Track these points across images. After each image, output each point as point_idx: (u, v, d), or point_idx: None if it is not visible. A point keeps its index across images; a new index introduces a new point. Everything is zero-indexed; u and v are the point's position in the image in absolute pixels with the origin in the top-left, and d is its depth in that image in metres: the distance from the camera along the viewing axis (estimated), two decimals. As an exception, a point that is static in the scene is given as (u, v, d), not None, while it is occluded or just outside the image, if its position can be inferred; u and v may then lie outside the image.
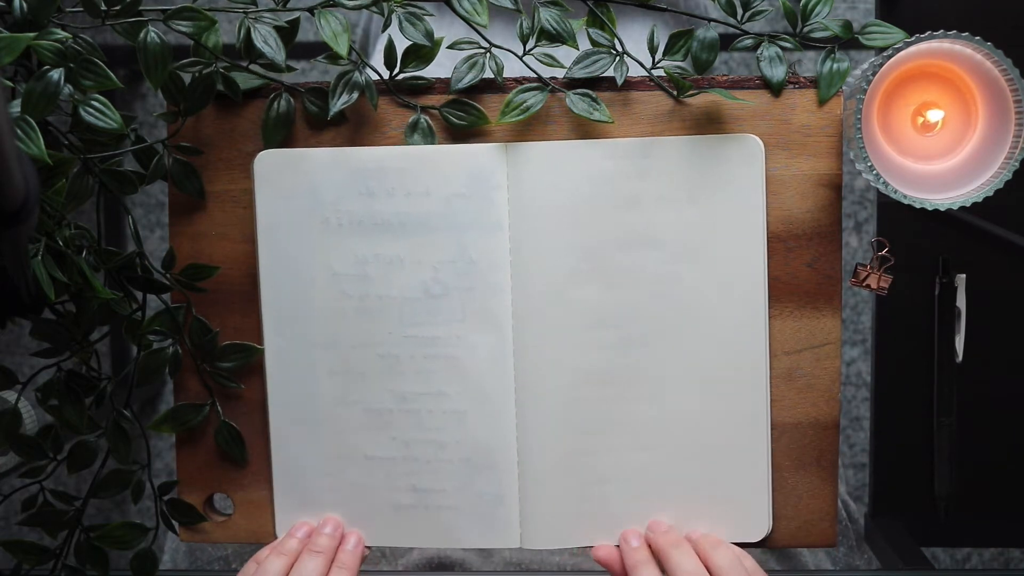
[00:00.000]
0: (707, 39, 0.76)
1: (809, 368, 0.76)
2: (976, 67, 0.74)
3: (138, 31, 0.69)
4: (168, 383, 0.79)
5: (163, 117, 0.75)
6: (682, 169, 0.74)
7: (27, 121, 0.65)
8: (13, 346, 0.90)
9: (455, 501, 0.76)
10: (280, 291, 0.74)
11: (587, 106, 0.75)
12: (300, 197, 0.74)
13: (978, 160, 0.74)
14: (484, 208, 0.74)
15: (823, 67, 0.76)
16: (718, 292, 0.74)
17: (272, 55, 0.72)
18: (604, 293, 0.74)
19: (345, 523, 0.76)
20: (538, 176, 0.74)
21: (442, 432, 0.75)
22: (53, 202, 0.70)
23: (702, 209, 0.74)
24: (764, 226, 0.75)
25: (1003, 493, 0.89)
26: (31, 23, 0.67)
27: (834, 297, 0.76)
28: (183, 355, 0.77)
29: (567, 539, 0.76)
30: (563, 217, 0.74)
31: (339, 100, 0.74)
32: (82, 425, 0.76)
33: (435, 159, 0.74)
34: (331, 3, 0.73)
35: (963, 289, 0.87)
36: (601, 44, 0.76)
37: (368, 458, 0.75)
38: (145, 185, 0.74)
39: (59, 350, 0.75)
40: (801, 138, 0.76)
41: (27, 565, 0.77)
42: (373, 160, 0.74)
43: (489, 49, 0.75)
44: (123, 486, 0.78)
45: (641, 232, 0.74)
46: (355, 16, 1.17)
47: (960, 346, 0.87)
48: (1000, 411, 0.88)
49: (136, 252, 0.75)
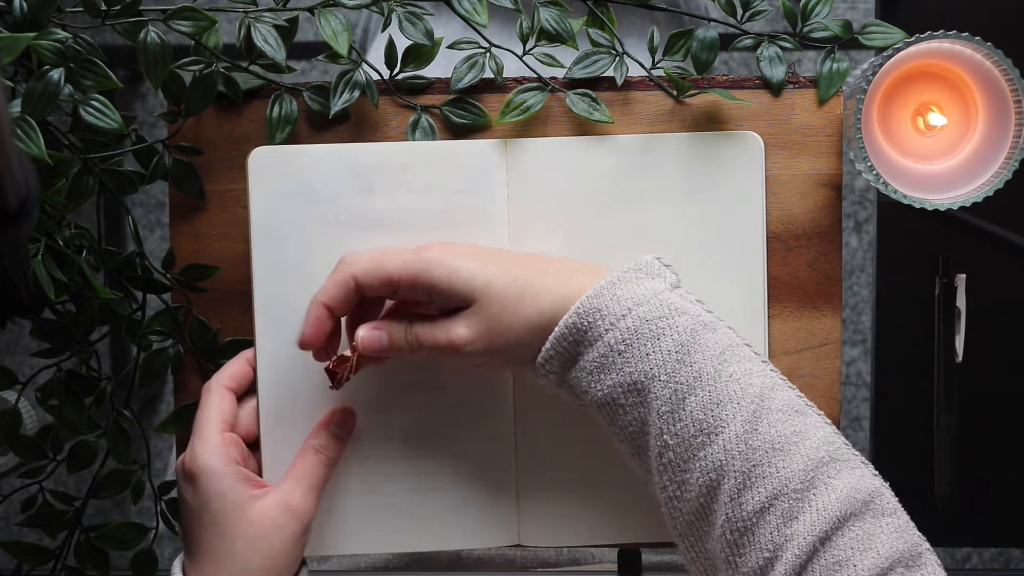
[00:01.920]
0: (707, 39, 0.76)
1: (809, 368, 0.76)
2: (976, 67, 0.74)
3: (138, 31, 0.69)
4: (168, 383, 0.78)
5: (163, 117, 0.75)
6: (682, 166, 0.74)
7: (27, 121, 0.65)
8: (13, 346, 0.90)
9: (454, 500, 0.75)
10: (274, 290, 0.74)
11: (587, 106, 0.75)
12: (296, 194, 0.74)
13: (978, 160, 0.74)
14: (484, 204, 0.74)
15: (823, 67, 0.76)
16: (717, 290, 0.74)
17: (272, 54, 0.72)
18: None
19: (343, 526, 0.76)
20: (538, 173, 0.74)
21: (441, 430, 0.75)
22: (53, 202, 0.70)
23: (702, 206, 0.74)
24: (764, 224, 0.75)
25: (1003, 493, 0.89)
26: (31, 23, 0.67)
27: (834, 297, 0.76)
28: (184, 355, 0.77)
29: (565, 537, 0.76)
30: (563, 214, 0.74)
31: (340, 99, 0.74)
32: (82, 425, 0.76)
33: (435, 155, 0.74)
34: (331, 3, 0.73)
35: (963, 289, 0.87)
36: (601, 44, 0.76)
37: (364, 458, 0.75)
38: (145, 185, 0.74)
39: (59, 350, 0.75)
40: (801, 138, 0.76)
41: (27, 565, 0.77)
42: (372, 156, 0.74)
43: (489, 49, 0.75)
44: (123, 486, 0.78)
45: (641, 229, 0.74)
46: (354, 16, 1.17)
47: (960, 346, 0.87)
48: (1000, 411, 0.88)
49: (136, 252, 0.75)
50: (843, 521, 0.60)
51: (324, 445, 0.72)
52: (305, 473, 0.71)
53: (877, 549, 0.59)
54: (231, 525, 0.68)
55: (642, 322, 0.64)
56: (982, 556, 1.59)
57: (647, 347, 0.64)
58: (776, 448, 0.61)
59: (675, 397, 0.63)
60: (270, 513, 0.69)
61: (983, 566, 1.57)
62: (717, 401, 0.63)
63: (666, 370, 0.63)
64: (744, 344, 0.66)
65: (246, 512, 0.68)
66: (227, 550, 0.68)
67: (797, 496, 0.60)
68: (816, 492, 0.60)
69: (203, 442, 0.70)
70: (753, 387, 0.63)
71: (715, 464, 0.62)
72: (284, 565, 0.69)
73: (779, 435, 0.62)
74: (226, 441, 0.71)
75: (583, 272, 0.67)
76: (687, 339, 0.64)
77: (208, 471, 0.69)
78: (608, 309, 0.64)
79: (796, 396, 0.65)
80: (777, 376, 0.65)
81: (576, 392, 0.67)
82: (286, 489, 0.70)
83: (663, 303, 0.65)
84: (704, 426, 0.62)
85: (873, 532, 0.60)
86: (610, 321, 0.64)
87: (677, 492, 0.64)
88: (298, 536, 0.70)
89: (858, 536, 0.60)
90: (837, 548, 0.59)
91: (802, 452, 0.61)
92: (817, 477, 0.61)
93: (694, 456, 0.63)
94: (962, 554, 1.58)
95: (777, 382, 0.65)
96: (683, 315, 0.64)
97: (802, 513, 0.60)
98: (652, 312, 0.64)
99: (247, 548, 0.68)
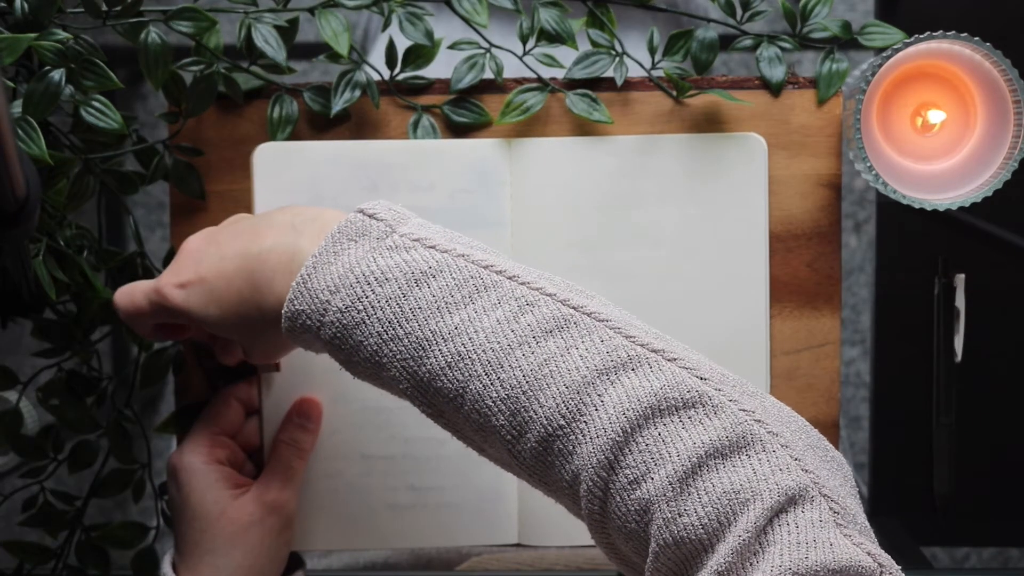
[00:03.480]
0: (707, 39, 0.76)
1: (808, 368, 0.76)
2: (975, 67, 0.74)
3: (139, 31, 0.69)
4: (170, 383, 0.79)
5: (164, 117, 0.75)
6: (686, 167, 0.74)
7: (28, 121, 0.65)
8: (14, 346, 0.90)
9: (454, 498, 0.76)
10: None
11: (587, 106, 0.75)
12: (300, 191, 0.74)
13: (977, 160, 0.75)
14: (487, 204, 0.74)
15: (822, 67, 0.76)
16: (719, 291, 0.74)
17: (273, 55, 0.72)
18: (604, 290, 0.74)
19: (342, 523, 0.76)
20: (542, 172, 0.74)
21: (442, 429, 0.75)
22: (54, 202, 0.70)
23: (705, 207, 0.74)
24: (766, 225, 0.75)
25: (1002, 493, 0.89)
26: (32, 23, 0.67)
27: (833, 297, 0.76)
28: (186, 354, 0.77)
29: (565, 536, 0.76)
30: (565, 213, 0.75)
31: (341, 99, 0.74)
32: (83, 425, 0.76)
33: (439, 154, 0.74)
34: (331, 3, 0.73)
35: (963, 289, 0.87)
36: (601, 44, 0.76)
37: (365, 457, 0.75)
38: (146, 185, 0.74)
39: (60, 350, 0.75)
40: (800, 138, 0.76)
41: (28, 565, 0.77)
42: (376, 154, 0.74)
43: (489, 49, 0.76)
44: (124, 486, 0.78)
45: (643, 230, 0.75)
46: (355, 16, 1.17)
47: (959, 346, 0.87)
48: (999, 411, 0.88)
49: (137, 252, 0.75)
50: (631, 435, 0.52)
51: (293, 438, 0.73)
52: (278, 467, 0.72)
53: (678, 447, 0.51)
54: (211, 522, 0.69)
55: (341, 312, 0.58)
56: (981, 555, 1.59)
57: (357, 335, 0.58)
58: (525, 390, 0.54)
59: (407, 374, 0.57)
60: (248, 509, 0.70)
61: (982, 565, 1.57)
62: (447, 364, 0.56)
63: (386, 352, 0.57)
64: (482, 267, 0.57)
65: (226, 510, 0.69)
66: (209, 546, 0.69)
67: (564, 431, 0.53)
68: (585, 418, 0.53)
69: (190, 440, 0.71)
70: (485, 329, 0.55)
71: (478, 425, 0.56)
72: (267, 560, 0.70)
73: (524, 374, 0.54)
74: (214, 442, 0.71)
75: (289, 258, 0.61)
76: (394, 311, 0.57)
77: (189, 468, 0.70)
78: (311, 309, 0.59)
79: (555, 309, 0.56)
80: (527, 291, 0.56)
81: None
82: (262, 485, 0.71)
83: (360, 279, 0.58)
84: (449, 393, 0.56)
85: (672, 431, 0.52)
86: (317, 320, 0.59)
87: (503, 461, 0.58)
88: (278, 530, 0.70)
89: (651, 443, 0.52)
90: (628, 467, 0.52)
91: (558, 380, 0.54)
92: (584, 400, 0.53)
93: (463, 426, 0.57)
94: (961, 553, 1.58)
95: (526, 304, 0.56)
96: (385, 283, 0.57)
97: (576, 447, 0.53)
98: (348, 297, 0.58)
99: (227, 544, 0.69)
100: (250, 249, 0.62)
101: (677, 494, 0.51)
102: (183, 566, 0.70)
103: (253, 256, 0.62)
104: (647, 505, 0.51)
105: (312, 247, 0.60)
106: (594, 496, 0.53)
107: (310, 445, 0.74)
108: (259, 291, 0.61)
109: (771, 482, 0.50)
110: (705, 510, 0.50)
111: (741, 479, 0.50)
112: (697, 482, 0.51)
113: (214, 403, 0.73)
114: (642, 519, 0.52)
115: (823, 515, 0.50)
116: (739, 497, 0.50)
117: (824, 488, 0.51)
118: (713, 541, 0.50)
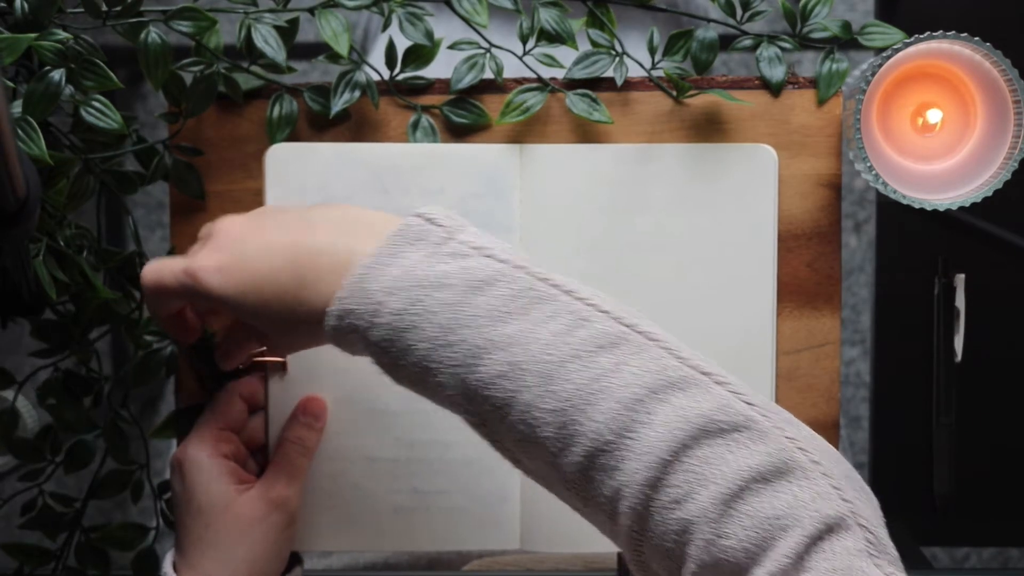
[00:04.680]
0: (706, 39, 0.76)
1: (808, 368, 0.76)
2: (975, 67, 0.74)
3: (139, 31, 0.69)
4: (170, 383, 0.79)
5: (164, 118, 0.75)
6: (695, 176, 0.74)
7: (28, 122, 0.65)
8: (13, 346, 0.90)
9: (457, 502, 0.75)
10: None
11: (587, 106, 0.75)
12: (311, 192, 0.74)
13: (977, 160, 0.75)
14: (497, 208, 0.74)
15: (822, 67, 0.76)
16: (727, 298, 0.74)
17: (273, 55, 0.72)
18: (613, 295, 0.74)
19: (345, 525, 0.76)
20: (552, 178, 0.75)
21: (448, 432, 0.75)
22: (54, 202, 0.70)
23: (714, 216, 0.75)
24: (775, 234, 0.75)
25: (1002, 493, 0.89)
26: (32, 23, 0.67)
27: (834, 297, 0.76)
28: (180, 357, 0.77)
29: (568, 542, 0.76)
30: (574, 219, 0.75)
31: (341, 99, 0.74)
32: (80, 425, 0.76)
33: (450, 158, 0.74)
34: (331, 3, 0.73)
35: (962, 289, 0.87)
36: (601, 44, 0.76)
37: (370, 459, 0.75)
38: (146, 185, 0.74)
39: (57, 349, 0.75)
40: (800, 138, 0.76)
41: (28, 567, 0.77)
42: (387, 157, 0.74)
43: (489, 49, 0.76)
44: (122, 486, 0.78)
45: (651, 236, 0.75)
46: (355, 16, 1.17)
47: (959, 346, 0.87)
48: (999, 411, 0.88)
49: (136, 252, 0.75)
50: (677, 455, 0.52)
51: (299, 436, 0.73)
52: (283, 464, 0.72)
53: (723, 469, 0.52)
54: (215, 516, 0.69)
55: (395, 315, 0.57)
56: (981, 555, 1.59)
57: (409, 338, 0.57)
58: (576, 404, 0.54)
59: (457, 380, 0.57)
60: (253, 505, 0.70)
61: (982, 565, 1.57)
62: (499, 373, 0.55)
63: (436, 357, 0.57)
64: (539, 279, 0.58)
65: (230, 505, 0.69)
66: (212, 540, 0.69)
67: (612, 447, 0.53)
68: (634, 435, 0.53)
69: (195, 435, 0.71)
70: (540, 340, 0.55)
71: (522, 435, 0.56)
72: (269, 556, 0.70)
73: (577, 388, 0.54)
74: (219, 437, 0.71)
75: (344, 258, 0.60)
76: (450, 317, 0.56)
77: (194, 461, 0.70)
78: (363, 309, 0.58)
79: (609, 325, 0.56)
80: (583, 307, 0.57)
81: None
82: (267, 482, 0.71)
83: (418, 282, 0.57)
84: (497, 402, 0.56)
85: (717, 453, 0.52)
86: (368, 320, 0.58)
87: (540, 473, 0.58)
88: (282, 527, 0.70)
89: (696, 464, 0.52)
90: (672, 486, 0.52)
91: (609, 396, 0.54)
92: (634, 417, 0.53)
93: (505, 436, 0.57)
94: (961, 553, 1.58)
95: (581, 319, 0.56)
96: (444, 288, 0.57)
97: (622, 463, 0.53)
98: (404, 300, 0.57)
99: (231, 540, 0.69)
100: (302, 244, 0.62)
101: (720, 515, 0.51)
102: (185, 564, 0.69)
103: (304, 251, 0.61)
104: (688, 525, 0.52)
105: (365, 248, 0.60)
106: (635, 513, 0.53)
107: (315, 443, 0.74)
108: (304, 287, 0.61)
109: (812, 509, 0.51)
110: (746, 533, 0.51)
111: (783, 504, 0.51)
112: (740, 505, 0.51)
113: (219, 399, 0.73)
114: (681, 538, 0.52)
115: (858, 544, 0.51)
116: (780, 522, 0.51)
117: (860, 518, 0.52)
118: (751, 564, 0.51)
